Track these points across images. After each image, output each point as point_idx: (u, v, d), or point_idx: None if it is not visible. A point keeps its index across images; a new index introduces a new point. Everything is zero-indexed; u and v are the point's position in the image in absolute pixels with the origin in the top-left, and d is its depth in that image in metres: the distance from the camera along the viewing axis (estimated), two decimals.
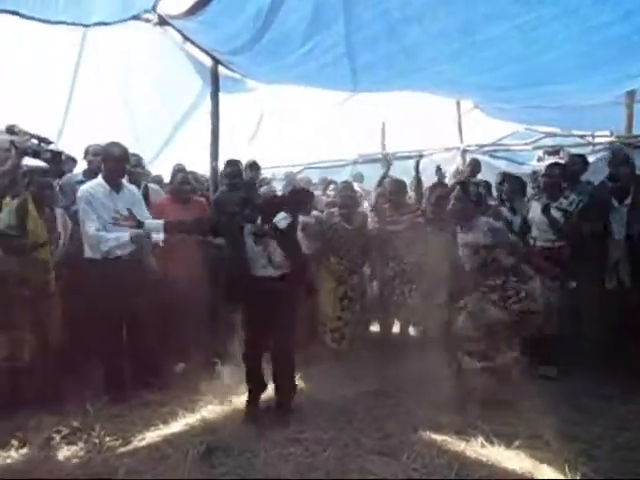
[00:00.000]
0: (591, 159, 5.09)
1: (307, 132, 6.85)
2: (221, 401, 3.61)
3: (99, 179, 3.62)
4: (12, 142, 3.17)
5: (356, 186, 5.83)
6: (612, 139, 5.91)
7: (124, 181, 3.74)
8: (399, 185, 4.73)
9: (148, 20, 3.98)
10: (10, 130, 3.27)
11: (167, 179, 4.88)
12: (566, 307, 3.98)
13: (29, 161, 3.38)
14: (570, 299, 4.01)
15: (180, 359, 4.22)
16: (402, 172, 5.64)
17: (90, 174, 3.94)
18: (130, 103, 4.95)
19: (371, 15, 3.21)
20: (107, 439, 3.05)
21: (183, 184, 4.23)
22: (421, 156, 5.86)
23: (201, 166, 4.84)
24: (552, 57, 3.58)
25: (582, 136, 6.71)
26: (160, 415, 3.40)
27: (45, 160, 3.39)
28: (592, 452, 2.86)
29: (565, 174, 4.27)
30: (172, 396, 3.66)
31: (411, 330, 4.71)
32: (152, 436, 3.15)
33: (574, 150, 6.18)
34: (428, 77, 4.18)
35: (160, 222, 3.36)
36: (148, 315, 3.70)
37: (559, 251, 4.05)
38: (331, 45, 3.50)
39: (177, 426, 3.28)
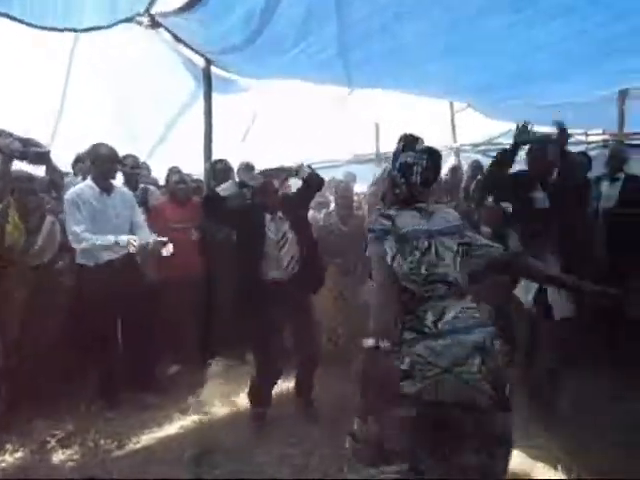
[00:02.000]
0: None
1: (301, 132, 6.84)
2: (217, 403, 3.59)
3: (88, 180, 3.57)
4: None
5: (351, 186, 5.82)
6: (605, 137, 5.94)
7: (116, 183, 3.71)
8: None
9: (140, 22, 3.95)
10: None
11: (161, 181, 4.87)
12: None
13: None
14: None
15: (174, 361, 4.21)
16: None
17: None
18: (123, 105, 4.93)
19: (364, 14, 3.21)
20: (102, 442, 3.05)
21: (179, 184, 4.24)
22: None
23: (194, 167, 4.81)
24: (546, 55, 3.59)
25: (576, 134, 6.73)
26: (155, 418, 3.39)
27: (32, 161, 3.36)
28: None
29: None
30: (168, 399, 3.65)
31: None
32: (147, 439, 3.14)
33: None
34: (420, 75, 4.19)
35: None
36: (142, 317, 3.67)
37: None
38: (324, 45, 3.50)
39: (172, 429, 3.28)
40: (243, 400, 3.54)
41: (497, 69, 4.05)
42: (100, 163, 3.51)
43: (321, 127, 6.91)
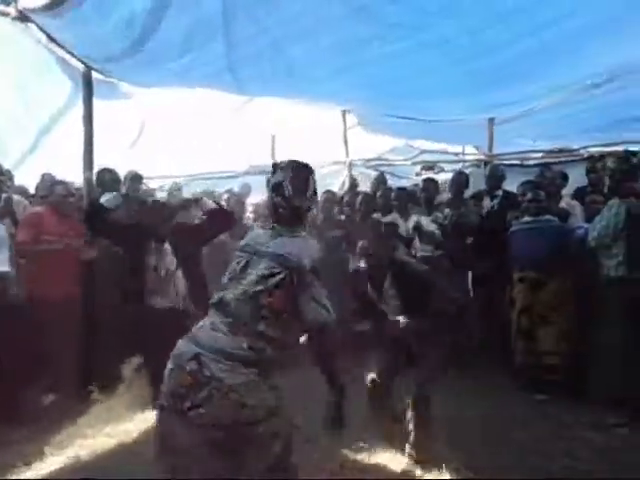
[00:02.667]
0: None
1: (194, 142, 6.66)
2: (98, 435, 3.30)
3: None
4: None
5: (247, 198, 5.80)
6: (480, 157, 6.55)
7: None
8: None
9: (5, 14, 3.56)
10: None
11: (32, 188, 4.45)
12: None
13: None
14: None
15: (50, 389, 3.81)
16: None
17: None
18: None
19: (252, 32, 3.21)
20: None
21: (67, 197, 3.93)
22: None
23: (71, 175, 4.43)
24: (427, 79, 3.88)
25: (455, 153, 7.37)
26: (23, 456, 3.02)
27: None
28: None
29: (438, 189, 4.67)
30: (39, 432, 3.28)
31: None
32: None
33: (447, 165, 6.79)
34: (310, 93, 4.30)
35: None
36: (7, 341, 3.28)
37: (438, 260, 4.36)
38: (212, 59, 3.44)
39: (43, 467, 2.94)
40: (130, 430, 3.33)
41: (382, 89, 4.28)
42: None
43: (217, 137, 6.79)
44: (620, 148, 4.65)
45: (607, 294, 3.69)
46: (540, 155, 6.05)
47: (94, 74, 4.05)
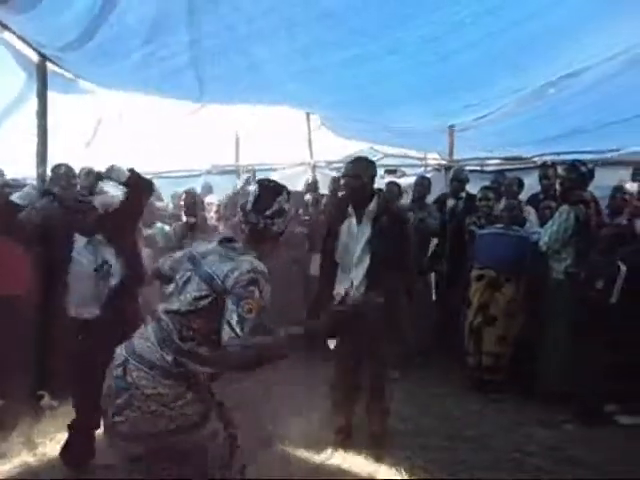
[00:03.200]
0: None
1: (154, 140, 6.51)
2: (47, 443, 3.17)
3: None
4: None
5: (208, 197, 5.71)
6: (441, 162, 6.70)
7: None
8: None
9: None
10: None
11: None
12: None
13: None
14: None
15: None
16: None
17: None
18: None
19: (216, 28, 3.18)
20: None
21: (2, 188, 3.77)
22: (255, 171, 5.99)
23: (23, 171, 4.26)
24: (385, 86, 3.94)
25: (418, 158, 7.51)
26: None
27: None
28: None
29: (401, 193, 4.76)
30: None
31: None
32: None
33: (409, 170, 6.91)
34: (274, 94, 4.29)
35: None
36: None
37: None
38: (174, 52, 3.37)
39: None
40: None
41: (341, 95, 4.32)
42: None
43: (177, 135, 6.67)
44: (572, 157, 4.85)
45: (555, 296, 3.86)
46: (497, 162, 6.26)
47: (49, 66, 3.92)
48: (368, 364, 3.06)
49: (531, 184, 5.03)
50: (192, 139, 7.03)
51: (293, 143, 6.99)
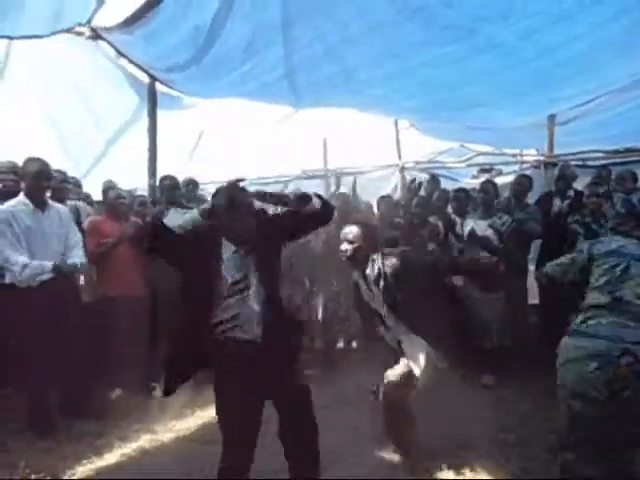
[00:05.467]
0: None
1: (249, 149, 6.82)
2: (162, 429, 3.45)
3: (21, 197, 3.39)
4: None
5: None
6: (538, 157, 6.32)
7: (50, 200, 3.55)
8: (344, 199, 4.78)
9: (80, 33, 3.82)
10: None
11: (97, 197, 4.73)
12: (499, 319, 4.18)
13: None
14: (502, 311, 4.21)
15: (116, 384, 4.03)
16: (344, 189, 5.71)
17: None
18: (57, 119, 4.73)
19: (309, 37, 3.27)
20: (33, 477, 2.84)
21: (118, 199, 4.13)
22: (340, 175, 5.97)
23: (133, 182, 4.70)
24: (480, 86, 3.79)
25: (513, 155, 7.13)
26: (94, 447, 3.19)
27: None
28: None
29: (497, 192, 4.53)
30: (107, 425, 3.47)
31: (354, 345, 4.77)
32: (84, 471, 2.94)
33: (504, 167, 6.60)
34: (365, 98, 4.30)
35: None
36: (78, 339, 3.50)
37: (492, 266, 4.24)
38: (271, 66, 3.53)
39: (112, 458, 3.10)
40: (191, 425, 3.47)
41: (435, 96, 4.23)
42: (30, 179, 3.35)
43: (269, 143, 6.93)
44: None
45: None
46: (603, 155, 5.75)
47: (158, 87, 4.29)
48: None
49: None
50: (283, 146, 7.26)
51: (381, 145, 6.96)
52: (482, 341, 4.12)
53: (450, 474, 2.81)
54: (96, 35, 3.86)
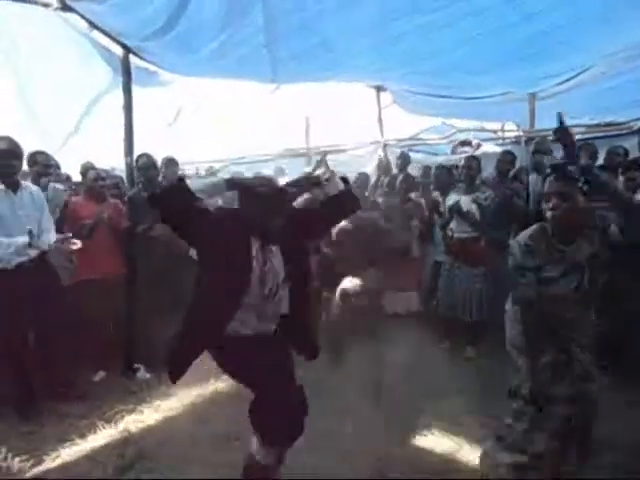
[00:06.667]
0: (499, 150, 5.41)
1: (229, 127, 6.70)
2: (147, 411, 3.42)
3: None
4: None
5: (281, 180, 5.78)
6: (519, 133, 6.33)
7: (23, 181, 3.43)
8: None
9: (47, 5, 3.65)
10: None
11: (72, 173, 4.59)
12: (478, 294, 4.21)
13: None
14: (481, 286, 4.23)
15: (100, 366, 3.98)
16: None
17: None
18: (29, 94, 4.55)
19: (289, 7, 3.17)
20: (16, 460, 2.80)
21: (97, 181, 4.06)
22: (326, 153, 5.92)
23: (110, 161, 4.58)
24: (466, 51, 3.75)
25: (494, 131, 7.14)
26: (77, 429, 3.17)
27: None
28: None
29: (480, 167, 4.50)
30: (90, 407, 3.44)
31: None
32: (68, 452, 2.93)
33: (485, 143, 6.59)
34: (347, 69, 4.23)
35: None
36: (58, 322, 3.43)
37: (474, 241, 4.26)
38: (249, 35, 3.42)
39: (96, 439, 3.07)
40: (176, 406, 3.46)
41: (420, 64, 4.18)
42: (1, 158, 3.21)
43: (250, 121, 6.81)
44: None
45: None
46: (584, 129, 5.77)
47: (133, 61, 4.13)
48: None
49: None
50: (263, 124, 7.15)
51: (363, 122, 6.90)
52: (463, 315, 4.20)
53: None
54: (65, 6, 3.69)
